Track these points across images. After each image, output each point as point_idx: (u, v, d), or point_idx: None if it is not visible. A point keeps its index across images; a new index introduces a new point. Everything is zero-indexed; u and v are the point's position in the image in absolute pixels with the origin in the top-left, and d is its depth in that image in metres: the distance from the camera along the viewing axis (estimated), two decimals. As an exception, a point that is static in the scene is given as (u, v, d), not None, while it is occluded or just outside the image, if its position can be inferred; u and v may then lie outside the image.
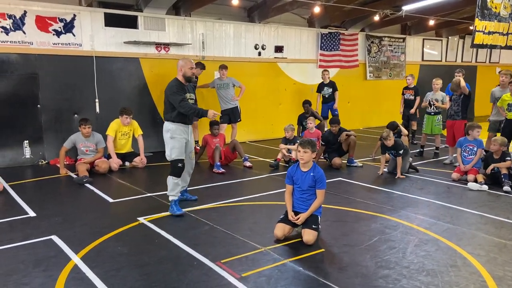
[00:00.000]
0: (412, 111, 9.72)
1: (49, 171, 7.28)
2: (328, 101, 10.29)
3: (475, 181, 6.26)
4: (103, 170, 7.03)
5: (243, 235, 4.28)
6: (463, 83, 7.49)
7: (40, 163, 7.88)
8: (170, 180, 5.07)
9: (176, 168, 5.04)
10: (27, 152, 7.81)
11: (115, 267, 3.59)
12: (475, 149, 6.59)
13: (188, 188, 5.59)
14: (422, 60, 14.22)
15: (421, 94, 9.63)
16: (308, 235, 4.04)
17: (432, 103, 8.45)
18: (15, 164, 7.66)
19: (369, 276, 3.44)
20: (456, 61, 15.01)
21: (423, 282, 3.34)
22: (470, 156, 6.62)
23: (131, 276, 3.43)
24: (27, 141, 7.79)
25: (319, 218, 4.25)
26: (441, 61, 14.66)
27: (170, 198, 5.08)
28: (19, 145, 7.74)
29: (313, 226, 4.11)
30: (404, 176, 6.80)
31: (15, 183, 6.42)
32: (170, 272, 3.49)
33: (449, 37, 14.64)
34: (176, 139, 5.01)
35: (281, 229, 4.15)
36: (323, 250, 3.96)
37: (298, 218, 4.13)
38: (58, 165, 7.51)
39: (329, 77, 10.35)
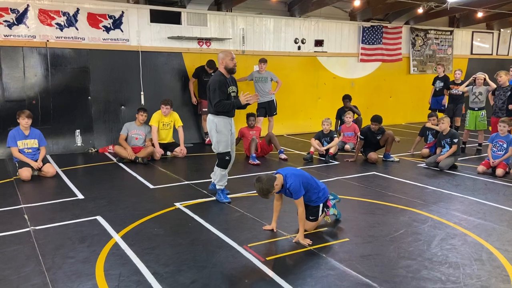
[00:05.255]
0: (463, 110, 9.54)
1: (98, 159, 7.80)
2: (438, 95, 10.27)
3: (505, 175, 6.22)
4: (146, 155, 7.42)
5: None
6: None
7: (90, 151, 8.44)
8: (218, 171, 5.25)
9: (223, 161, 5.21)
10: (79, 140, 8.39)
11: (151, 245, 3.90)
12: (505, 145, 6.54)
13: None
14: (471, 53, 13.70)
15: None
16: (307, 225, 4.24)
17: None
18: (67, 152, 8.26)
19: (389, 265, 3.53)
20: (508, 54, 14.36)
21: (444, 273, 3.38)
22: (499, 152, 6.61)
23: (164, 254, 3.73)
24: (79, 130, 8.37)
25: (320, 206, 4.35)
26: (491, 54, 14.06)
27: (217, 187, 5.29)
28: (71, 134, 8.33)
29: (311, 218, 4.29)
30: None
31: (67, 169, 6.95)
32: (200, 253, 3.75)
33: (501, 30, 14.00)
34: (222, 133, 5.12)
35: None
36: (347, 239, 4.08)
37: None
38: (106, 153, 8.07)
39: (443, 71, 10.33)
